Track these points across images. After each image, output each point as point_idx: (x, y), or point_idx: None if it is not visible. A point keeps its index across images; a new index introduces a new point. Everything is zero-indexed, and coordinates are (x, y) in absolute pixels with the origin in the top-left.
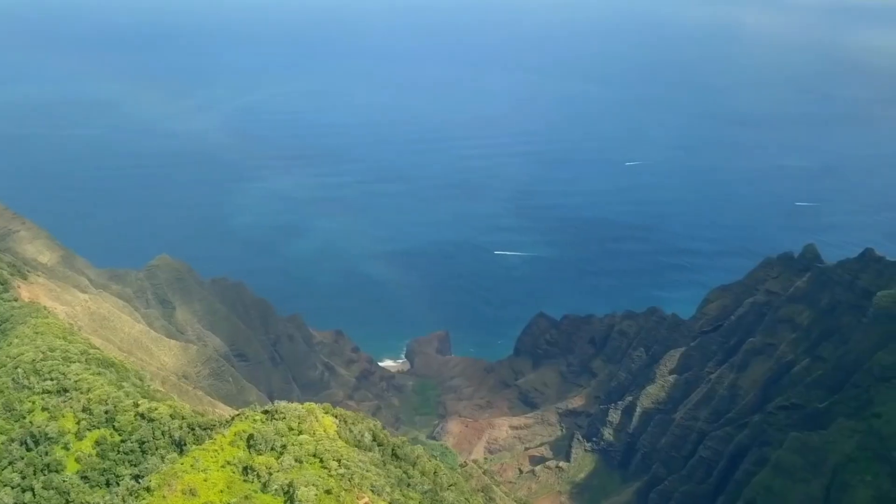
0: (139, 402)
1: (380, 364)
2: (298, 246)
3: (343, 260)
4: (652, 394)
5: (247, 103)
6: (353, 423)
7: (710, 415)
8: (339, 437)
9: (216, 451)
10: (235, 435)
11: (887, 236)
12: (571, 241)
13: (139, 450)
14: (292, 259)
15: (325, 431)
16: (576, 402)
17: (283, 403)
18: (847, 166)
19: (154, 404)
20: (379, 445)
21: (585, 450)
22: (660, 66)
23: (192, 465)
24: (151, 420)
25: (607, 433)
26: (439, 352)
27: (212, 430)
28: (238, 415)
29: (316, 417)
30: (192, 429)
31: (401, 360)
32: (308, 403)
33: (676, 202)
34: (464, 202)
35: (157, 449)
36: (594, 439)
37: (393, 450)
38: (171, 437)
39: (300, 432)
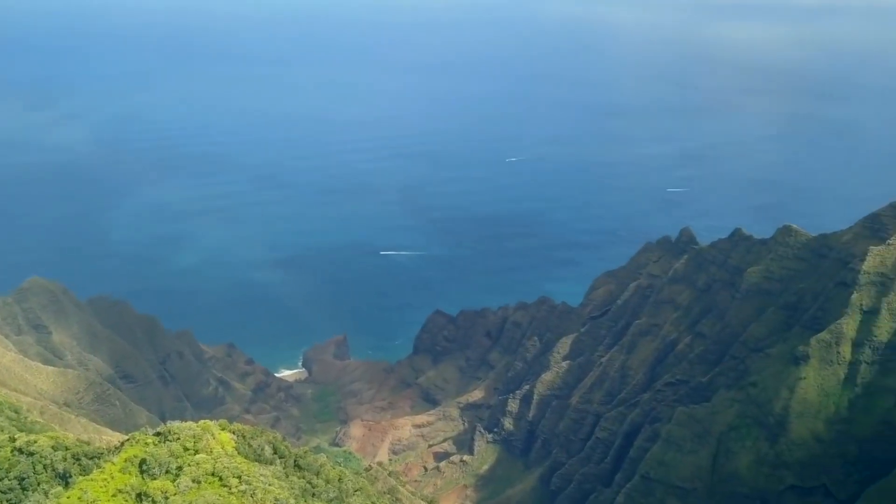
0: (15, 437)
1: (276, 375)
2: (182, 259)
3: (230, 271)
4: (547, 381)
5: (115, 112)
6: (251, 438)
7: (603, 397)
8: (238, 453)
9: (105, 479)
10: (126, 461)
11: (753, 216)
12: (459, 238)
13: (19, 487)
14: (177, 273)
15: (222, 448)
16: (475, 395)
17: (176, 423)
18: (712, 152)
19: (33, 437)
20: (280, 457)
21: (487, 441)
22: (533, 61)
23: (79, 498)
24: (31, 454)
25: (507, 423)
26: (337, 357)
27: (99, 458)
28: (128, 439)
29: (212, 435)
30: (78, 459)
31: (298, 369)
32: (203, 421)
33: (557, 195)
34: (350, 205)
35: (38, 484)
36: (495, 430)
37: (295, 460)
38: (54, 470)
39: (196, 452)
